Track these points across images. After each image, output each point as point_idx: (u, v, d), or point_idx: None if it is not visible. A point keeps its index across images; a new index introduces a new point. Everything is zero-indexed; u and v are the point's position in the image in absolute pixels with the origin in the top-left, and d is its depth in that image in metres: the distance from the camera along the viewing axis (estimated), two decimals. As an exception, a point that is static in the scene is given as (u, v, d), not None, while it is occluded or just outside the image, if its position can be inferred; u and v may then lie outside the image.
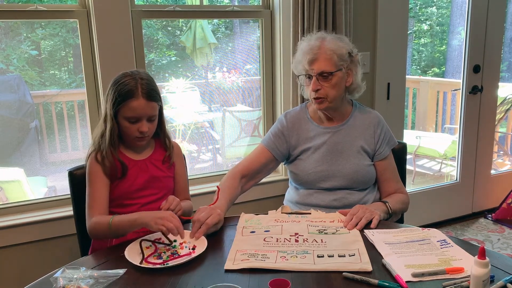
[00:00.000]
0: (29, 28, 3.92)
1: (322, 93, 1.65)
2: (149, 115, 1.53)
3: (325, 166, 1.71)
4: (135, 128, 1.52)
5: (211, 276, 1.19)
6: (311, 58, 1.64)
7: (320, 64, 1.63)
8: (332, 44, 1.65)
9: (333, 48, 1.64)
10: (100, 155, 1.55)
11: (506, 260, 1.24)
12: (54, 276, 1.15)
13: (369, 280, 1.13)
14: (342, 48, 1.66)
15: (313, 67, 1.64)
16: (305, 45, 1.69)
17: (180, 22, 4.84)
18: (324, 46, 1.64)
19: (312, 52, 1.64)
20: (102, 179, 1.55)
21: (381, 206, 1.62)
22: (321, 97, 1.65)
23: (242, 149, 4.10)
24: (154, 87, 1.54)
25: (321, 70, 1.63)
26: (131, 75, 1.52)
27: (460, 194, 3.36)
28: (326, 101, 1.67)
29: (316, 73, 1.63)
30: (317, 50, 1.64)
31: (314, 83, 1.64)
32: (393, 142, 1.79)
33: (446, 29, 7.63)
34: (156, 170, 1.63)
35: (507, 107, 4.22)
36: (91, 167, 1.56)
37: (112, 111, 1.51)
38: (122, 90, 1.49)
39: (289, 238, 1.38)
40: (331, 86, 1.64)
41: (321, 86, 1.64)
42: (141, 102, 1.49)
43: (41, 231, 2.09)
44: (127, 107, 1.49)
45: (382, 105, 2.82)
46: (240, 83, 4.52)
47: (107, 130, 1.54)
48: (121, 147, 1.61)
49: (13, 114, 3.50)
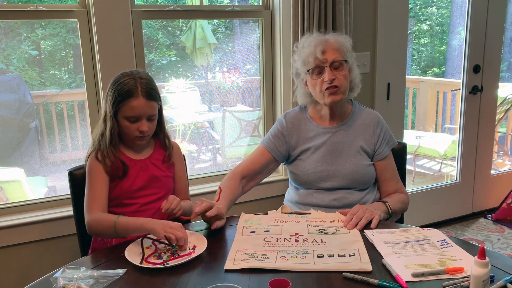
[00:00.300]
0: (29, 28, 3.92)
1: (337, 82, 1.65)
2: (148, 114, 1.53)
3: (325, 166, 1.71)
4: (135, 128, 1.52)
5: (211, 276, 1.19)
6: (323, 49, 1.65)
7: (331, 54, 1.65)
8: (337, 37, 1.71)
9: (339, 40, 1.69)
10: (100, 155, 1.55)
11: (506, 260, 1.24)
12: (54, 276, 1.15)
13: (369, 280, 1.13)
14: (346, 43, 1.71)
15: (326, 57, 1.65)
16: (312, 39, 1.70)
17: (180, 22, 4.84)
18: (330, 39, 1.69)
19: (322, 44, 1.66)
20: (103, 176, 1.55)
21: (381, 206, 1.62)
22: (337, 85, 1.65)
23: (242, 149, 4.10)
24: (153, 87, 1.55)
25: (333, 59, 1.65)
26: (131, 75, 1.53)
27: (460, 194, 3.36)
28: (340, 92, 1.67)
29: (329, 62, 1.64)
30: (326, 42, 1.67)
31: (329, 73, 1.64)
32: (392, 142, 1.79)
33: (446, 29, 7.63)
34: (156, 170, 1.63)
35: (507, 107, 4.22)
36: (92, 164, 1.56)
37: (112, 111, 1.52)
38: (121, 89, 1.50)
39: (289, 238, 1.38)
40: (343, 76, 1.67)
41: (335, 76, 1.65)
42: (141, 101, 1.50)
43: (41, 231, 2.09)
44: (127, 106, 1.50)
45: (382, 105, 2.82)
46: (240, 83, 4.52)
47: (107, 129, 1.54)
48: (121, 146, 1.61)
49: (13, 114, 3.50)
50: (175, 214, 1.51)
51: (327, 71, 1.64)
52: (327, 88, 1.64)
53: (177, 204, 1.51)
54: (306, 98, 1.79)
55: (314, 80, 1.68)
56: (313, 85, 1.70)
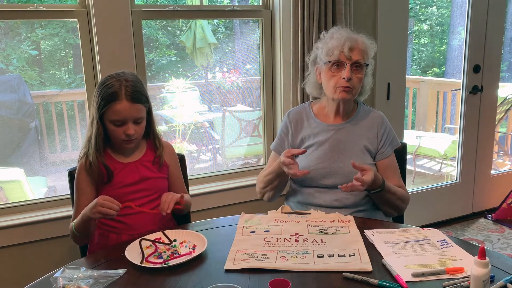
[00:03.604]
0: (29, 28, 3.92)
1: (352, 83, 1.65)
2: (134, 117, 1.50)
3: (326, 163, 1.70)
4: (121, 131, 1.50)
5: (211, 276, 1.19)
6: (352, 46, 1.64)
7: (358, 54, 1.65)
8: (366, 41, 1.70)
9: (368, 44, 1.69)
10: (88, 161, 1.54)
11: (506, 260, 1.24)
12: (54, 276, 1.15)
13: (369, 280, 1.13)
14: (372, 49, 1.71)
15: (351, 55, 1.64)
16: (343, 32, 1.69)
17: (180, 22, 4.84)
18: (360, 39, 1.68)
19: (351, 40, 1.65)
20: (87, 190, 1.56)
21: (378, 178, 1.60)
22: (351, 86, 1.65)
23: (242, 149, 4.10)
24: (139, 89, 1.51)
25: (357, 59, 1.64)
26: (116, 77, 1.50)
27: (460, 194, 3.36)
28: (352, 93, 1.67)
29: (353, 61, 1.64)
30: (356, 41, 1.66)
31: (349, 71, 1.64)
32: (396, 143, 1.78)
33: (446, 29, 7.63)
34: (147, 172, 1.60)
35: (507, 107, 4.22)
36: (78, 175, 1.57)
37: (97, 115, 1.50)
38: (106, 92, 1.47)
39: (289, 238, 1.38)
40: (359, 79, 1.67)
41: (352, 76, 1.65)
42: (125, 104, 1.47)
43: (41, 231, 2.09)
44: (111, 110, 1.47)
45: (382, 105, 2.82)
46: (240, 83, 4.52)
47: (93, 134, 1.53)
48: (110, 150, 1.59)
49: (13, 114, 3.50)
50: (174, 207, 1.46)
51: (347, 69, 1.64)
52: (341, 85, 1.65)
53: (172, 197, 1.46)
54: (315, 89, 1.80)
55: (331, 73, 1.67)
56: (328, 78, 1.69)
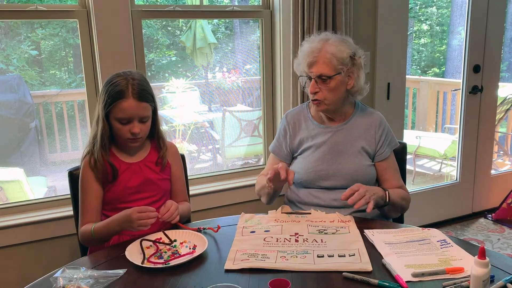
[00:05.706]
0: (29, 28, 3.92)
1: (320, 95, 1.66)
2: (140, 116, 1.50)
3: (325, 165, 1.71)
4: (126, 130, 1.50)
5: (211, 276, 1.19)
6: (310, 61, 1.64)
7: (319, 67, 1.63)
8: (333, 47, 1.64)
9: (333, 51, 1.63)
10: (93, 159, 1.54)
11: (506, 260, 1.24)
12: (54, 276, 1.15)
13: (369, 280, 1.13)
14: (343, 52, 1.64)
15: (312, 70, 1.64)
16: (306, 47, 1.69)
17: (180, 22, 4.84)
18: (324, 49, 1.64)
19: (312, 55, 1.64)
20: (94, 187, 1.55)
21: (380, 191, 1.59)
22: (319, 99, 1.67)
23: (242, 149, 4.10)
24: (145, 88, 1.52)
25: (319, 73, 1.63)
26: (123, 76, 1.50)
27: (460, 194, 3.36)
28: (324, 104, 1.68)
29: (315, 76, 1.64)
30: (317, 53, 1.64)
31: (313, 86, 1.66)
32: (394, 144, 1.78)
33: (446, 29, 7.63)
34: (150, 173, 1.60)
35: (507, 107, 4.22)
36: (84, 173, 1.56)
37: (103, 112, 1.50)
38: (112, 90, 1.47)
39: (289, 238, 1.38)
40: (329, 89, 1.65)
41: (320, 89, 1.65)
42: (131, 102, 1.47)
43: (41, 231, 2.09)
44: (118, 108, 1.47)
45: (382, 105, 2.82)
46: (240, 83, 4.52)
47: (99, 132, 1.53)
48: (115, 149, 1.59)
49: (13, 114, 3.50)
50: (171, 222, 1.46)
51: (311, 84, 1.66)
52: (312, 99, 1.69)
53: (174, 211, 1.46)
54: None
55: (307, 86, 1.72)
56: (307, 89, 1.73)
